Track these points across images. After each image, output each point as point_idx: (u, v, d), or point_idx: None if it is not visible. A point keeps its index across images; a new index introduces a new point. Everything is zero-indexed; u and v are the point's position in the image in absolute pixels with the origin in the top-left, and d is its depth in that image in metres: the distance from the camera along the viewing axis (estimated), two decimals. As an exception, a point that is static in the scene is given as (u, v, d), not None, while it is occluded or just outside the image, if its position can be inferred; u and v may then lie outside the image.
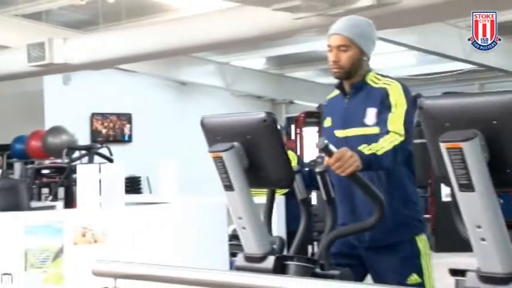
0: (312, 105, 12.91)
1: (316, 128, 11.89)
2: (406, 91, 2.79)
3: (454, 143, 1.72)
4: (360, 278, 2.82)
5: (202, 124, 2.37)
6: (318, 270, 2.31)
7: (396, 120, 2.71)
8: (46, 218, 3.59)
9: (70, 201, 8.09)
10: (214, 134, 2.33)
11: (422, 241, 2.81)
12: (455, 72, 14.03)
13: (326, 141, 2.42)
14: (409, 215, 2.80)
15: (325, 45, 2.93)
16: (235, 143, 2.23)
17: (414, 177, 2.87)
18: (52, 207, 6.26)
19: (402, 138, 2.66)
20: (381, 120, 2.74)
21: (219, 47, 9.68)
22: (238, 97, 16.14)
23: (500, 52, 11.32)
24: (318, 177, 2.40)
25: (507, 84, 13.67)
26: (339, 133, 2.87)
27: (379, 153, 2.60)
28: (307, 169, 2.74)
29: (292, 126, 13.24)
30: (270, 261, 2.30)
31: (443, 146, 1.74)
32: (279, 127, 2.32)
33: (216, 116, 2.38)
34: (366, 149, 2.58)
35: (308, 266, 2.30)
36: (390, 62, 13.17)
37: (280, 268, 2.30)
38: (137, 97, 13.89)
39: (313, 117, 12.11)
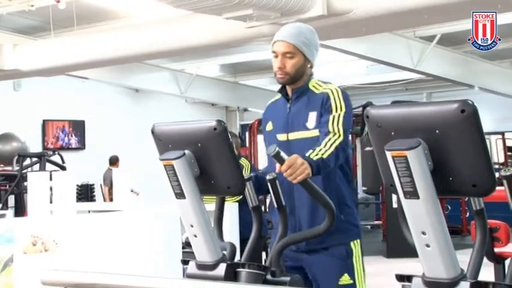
0: (266, 113, 12.94)
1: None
2: (345, 96, 2.90)
3: (399, 151, 1.75)
4: (305, 280, 2.87)
5: (153, 132, 2.37)
6: (269, 277, 2.33)
7: (336, 121, 2.81)
8: (-5, 227, 3.54)
9: (21, 210, 7.97)
10: (165, 141, 2.34)
11: (356, 245, 2.89)
12: (404, 82, 14.29)
13: (277, 148, 2.46)
14: (344, 220, 2.83)
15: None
16: (186, 151, 2.24)
17: (350, 180, 2.93)
18: (2, 216, 6.15)
19: (341, 139, 2.77)
20: (322, 122, 2.83)
21: (172, 54, 9.67)
22: (192, 104, 16.13)
23: (446, 62, 11.60)
24: (269, 185, 2.43)
25: (454, 93, 14.00)
26: (281, 137, 2.94)
27: (325, 156, 2.69)
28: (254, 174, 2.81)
29: (247, 134, 13.28)
30: (222, 269, 2.31)
31: (388, 154, 1.78)
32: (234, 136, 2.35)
33: (166, 124, 2.39)
34: (312, 154, 2.66)
35: (259, 273, 2.32)
36: (341, 70, 13.34)
37: (231, 275, 2.31)
38: (90, 104, 13.77)
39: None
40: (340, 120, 2.81)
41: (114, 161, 12.28)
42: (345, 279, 2.84)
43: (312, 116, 2.87)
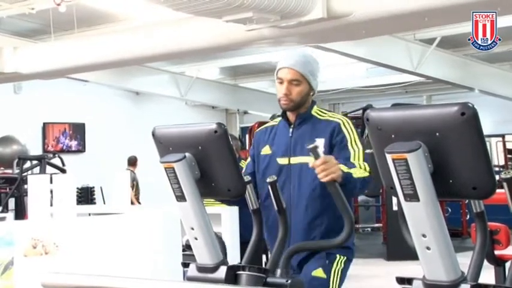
0: (266, 115, 12.99)
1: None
2: (355, 127, 2.98)
3: (399, 154, 1.76)
4: None
5: (154, 135, 2.38)
6: (269, 279, 2.33)
7: (357, 157, 2.88)
8: (-4, 229, 3.54)
9: (21, 212, 7.98)
10: (166, 144, 2.34)
11: (341, 258, 2.95)
12: (404, 84, 14.30)
13: (317, 143, 2.52)
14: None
15: (279, 55, 3.03)
16: (187, 154, 2.25)
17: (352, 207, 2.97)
18: (2, 219, 6.15)
19: (367, 174, 2.82)
20: (342, 156, 2.87)
21: (172, 57, 9.67)
22: (192, 107, 16.14)
23: (446, 64, 11.61)
24: (269, 188, 2.43)
25: (454, 96, 14.00)
26: (282, 160, 3.00)
27: (354, 175, 2.76)
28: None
29: (247, 136, 13.27)
30: (222, 272, 2.31)
31: (389, 157, 1.78)
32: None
33: (167, 127, 2.39)
34: (344, 168, 2.71)
35: (259, 276, 2.32)
36: (341, 73, 13.35)
37: (232, 278, 2.31)
38: (90, 107, 13.78)
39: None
40: (361, 157, 2.88)
41: (132, 162, 12.24)
42: (319, 272, 2.90)
43: (319, 143, 2.91)
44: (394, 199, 1.95)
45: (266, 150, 3.06)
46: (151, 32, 8.34)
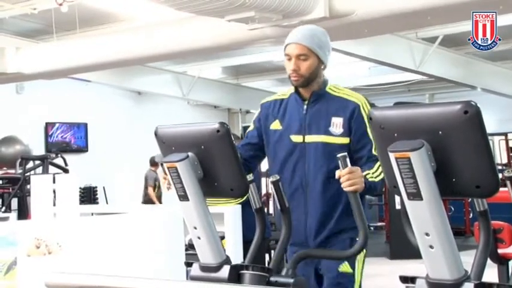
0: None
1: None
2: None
3: (402, 153, 1.75)
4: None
5: (156, 134, 2.38)
6: (272, 278, 2.33)
7: None
8: (-1, 229, 3.54)
9: (24, 212, 7.99)
10: (168, 144, 2.34)
11: None
12: (406, 83, 14.29)
13: (346, 153, 2.51)
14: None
15: (281, 55, 3.02)
16: (190, 153, 2.25)
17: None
18: (5, 219, 6.16)
19: None
20: (364, 147, 2.87)
21: (174, 56, 9.68)
22: (194, 106, 16.14)
23: (449, 63, 11.60)
24: (272, 187, 2.43)
25: (456, 94, 13.99)
26: (296, 138, 2.95)
27: (377, 180, 2.77)
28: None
29: (249, 136, 13.27)
30: (225, 271, 2.31)
31: (392, 156, 1.78)
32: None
33: (170, 126, 2.39)
34: (368, 176, 2.72)
35: (262, 275, 2.32)
36: (343, 72, 13.34)
37: (235, 277, 2.31)
38: (93, 106, 13.79)
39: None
40: None
41: (154, 162, 12.24)
42: (345, 267, 2.90)
43: (337, 122, 2.90)
44: (397, 198, 1.95)
45: (276, 125, 3.02)
46: (153, 32, 8.35)
